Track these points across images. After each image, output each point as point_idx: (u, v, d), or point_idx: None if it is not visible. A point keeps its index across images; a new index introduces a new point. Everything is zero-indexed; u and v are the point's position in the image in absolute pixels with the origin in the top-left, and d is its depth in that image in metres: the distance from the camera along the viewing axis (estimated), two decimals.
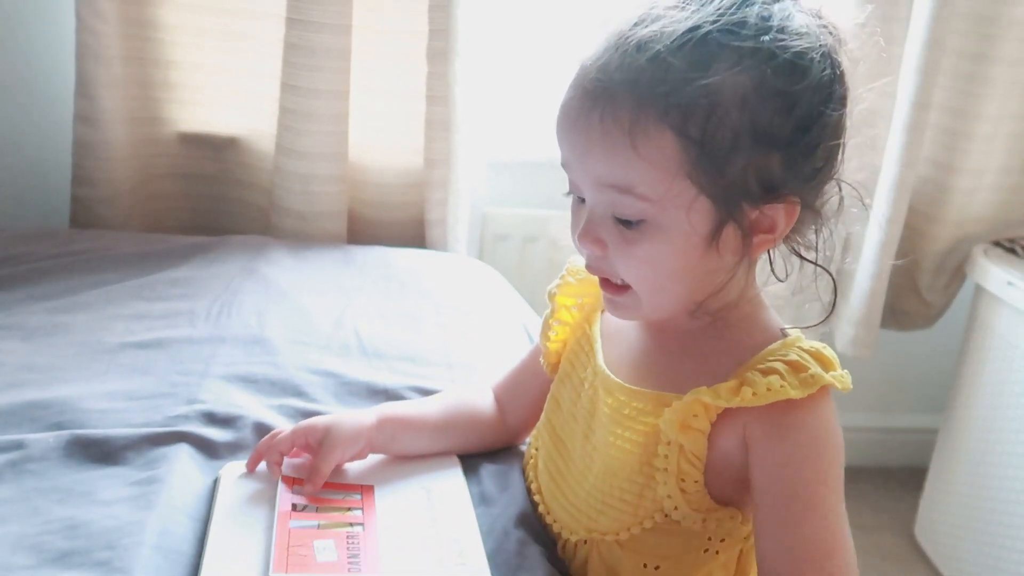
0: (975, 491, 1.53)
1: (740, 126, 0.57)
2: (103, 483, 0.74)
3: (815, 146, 0.60)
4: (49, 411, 0.82)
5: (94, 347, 0.95)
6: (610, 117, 0.57)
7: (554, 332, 0.77)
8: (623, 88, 0.57)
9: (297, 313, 1.07)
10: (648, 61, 0.56)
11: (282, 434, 0.75)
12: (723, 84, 0.56)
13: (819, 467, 0.60)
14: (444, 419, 0.81)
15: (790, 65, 0.57)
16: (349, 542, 0.67)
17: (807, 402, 0.60)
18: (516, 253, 1.60)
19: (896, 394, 1.87)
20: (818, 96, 0.58)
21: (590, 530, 0.68)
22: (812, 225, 0.64)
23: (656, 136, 0.57)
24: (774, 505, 0.61)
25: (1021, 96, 1.51)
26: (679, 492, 0.63)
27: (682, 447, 0.63)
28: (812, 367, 0.60)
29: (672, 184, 0.58)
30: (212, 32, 1.35)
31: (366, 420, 0.76)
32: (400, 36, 1.33)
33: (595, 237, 0.62)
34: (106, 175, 1.33)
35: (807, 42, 0.58)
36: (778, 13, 0.58)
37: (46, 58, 1.40)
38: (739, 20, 0.57)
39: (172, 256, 1.20)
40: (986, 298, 1.52)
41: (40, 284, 1.09)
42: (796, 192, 0.60)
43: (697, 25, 0.56)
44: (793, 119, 0.58)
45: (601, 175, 0.60)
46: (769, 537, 0.61)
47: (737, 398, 0.60)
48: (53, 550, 0.66)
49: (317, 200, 1.34)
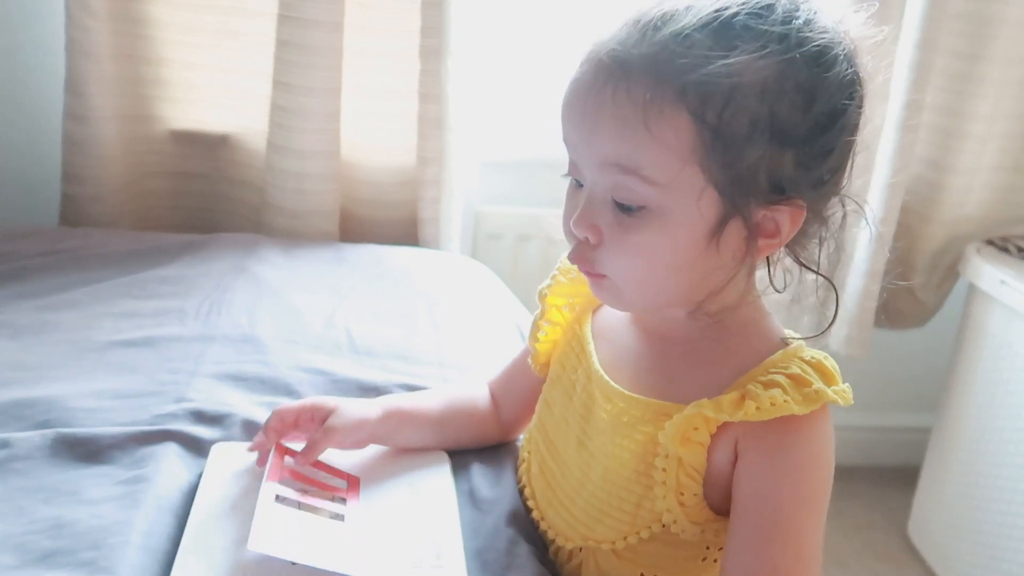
0: (968, 490, 1.53)
1: (758, 116, 0.55)
2: (89, 482, 0.73)
3: (830, 149, 0.58)
4: (36, 410, 0.81)
5: (82, 345, 0.95)
6: (624, 92, 0.55)
7: (543, 332, 0.75)
8: (642, 62, 0.55)
9: (288, 311, 1.07)
10: (671, 36, 0.55)
11: (286, 404, 0.75)
12: (745, 68, 0.54)
13: (803, 492, 0.59)
14: (444, 414, 0.80)
15: (814, 58, 0.56)
16: (326, 533, 0.67)
17: (808, 419, 0.59)
18: (509, 252, 1.60)
19: (889, 393, 1.87)
20: (839, 95, 0.57)
21: (586, 538, 0.67)
22: (816, 234, 0.62)
23: (671, 117, 0.55)
24: (748, 522, 0.60)
25: (1014, 96, 1.51)
26: (678, 506, 0.62)
27: (680, 460, 0.61)
28: (815, 382, 0.59)
29: (681, 170, 0.56)
30: (204, 29, 1.34)
31: (372, 411, 0.76)
32: (393, 34, 1.33)
33: (591, 223, 0.60)
34: (96, 173, 1.32)
35: (832, 38, 0.57)
36: (805, 8, 0.57)
37: (36, 55, 1.39)
38: (767, 5, 0.56)
39: (162, 254, 1.20)
40: (979, 297, 1.52)
41: (29, 282, 1.09)
42: (804, 196, 0.59)
43: (725, 6, 0.55)
44: (812, 117, 0.57)
45: (608, 154, 0.57)
46: (736, 554, 0.60)
47: (740, 412, 0.58)
48: (37, 550, 0.65)
49: (309, 198, 1.34)
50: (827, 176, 0.59)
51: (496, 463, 0.80)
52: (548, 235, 1.58)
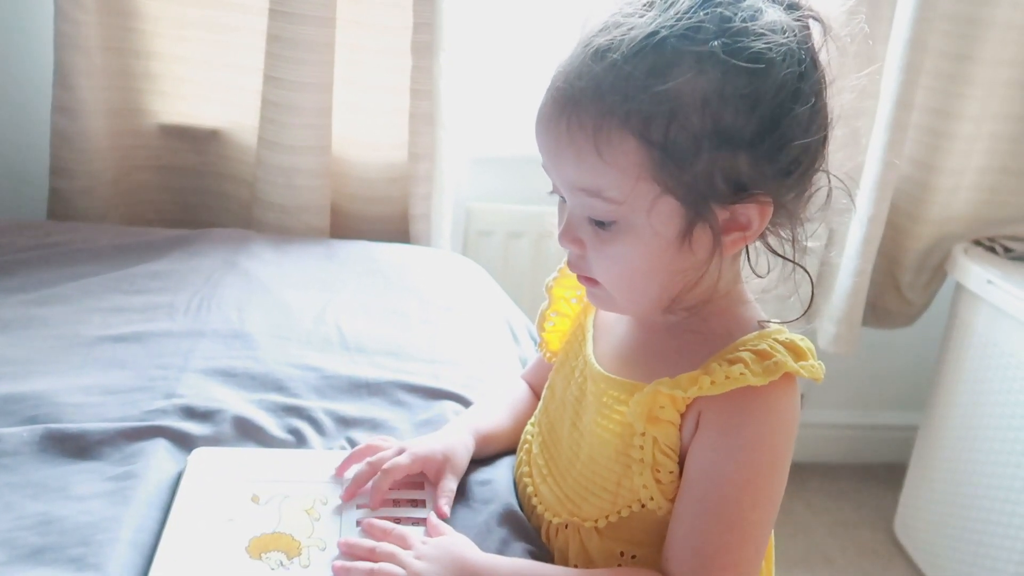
0: (954, 487, 1.54)
1: (702, 128, 0.57)
2: (78, 478, 0.73)
3: (783, 145, 0.59)
4: (23, 405, 0.81)
5: (71, 340, 0.94)
6: (576, 124, 0.59)
7: (551, 323, 0.79)
8: (585, 96, 0.58)
9: (278, 307, 1.06)
10: (606, 69, 0.58)
11: (395, 459, 0.73)
12: (682, 90, 0.57)
13: (746, 474, 0.61)
14: (514, 423, 0.83)
15: (751, 62, 0.57)
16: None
17: (766, 390, 0.60)
18: (499, 249, 1.60)
19: (876, 391, 1.88)
20: (782, 95, 0.58)
21: (572, 514, 0.69)
22: (789, 221, 0.64)
23: (619, 142, 0.58)
24: (692, 496, 0.62)
25: (1002, 97, 1.52)
26: (654, 483, 0.64)
27: (656, 439, 0.63)
28: (779, 355, 0.61)
29: (636, 186, 0.59)
30: (194, 23, 1.33)
31: (469, 443, 0.78)
32: (384, 29, 1.32)
33: (573, 237, 0.64)
34: (85, 167, 1.31)
35: (767, 41, 0.57)
36: (743, 12, 0.58)
37: (24, 47, 1.38)
38: (696, 24, 0.57)
39: (152, 249, 1.19)
40: (966, 296, 1.53)
41: (16, 276, 1.08)
42: (768, 190, 0.60)
43: (655, 31, 0.57)
44: (756, 119, 0.58)
45: (572, 179, 0.61)
46: (677, 524, 0.62)
47: (695, 387, 0.61)
48: (25, 546, 0.65)
49: (300, 194, 1.33)
50: (792, 167, 0.60)
51: (489, 463, 0.80)
52: (538, 232, 1.58)
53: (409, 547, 0.66)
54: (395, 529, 0.68)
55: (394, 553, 0.65)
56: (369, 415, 0.87)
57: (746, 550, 0.61)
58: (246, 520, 0.69)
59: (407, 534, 0.67)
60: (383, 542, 0.66)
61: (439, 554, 0.65)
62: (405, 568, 0.63)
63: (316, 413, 0.86)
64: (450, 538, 0.67)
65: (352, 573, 0.64)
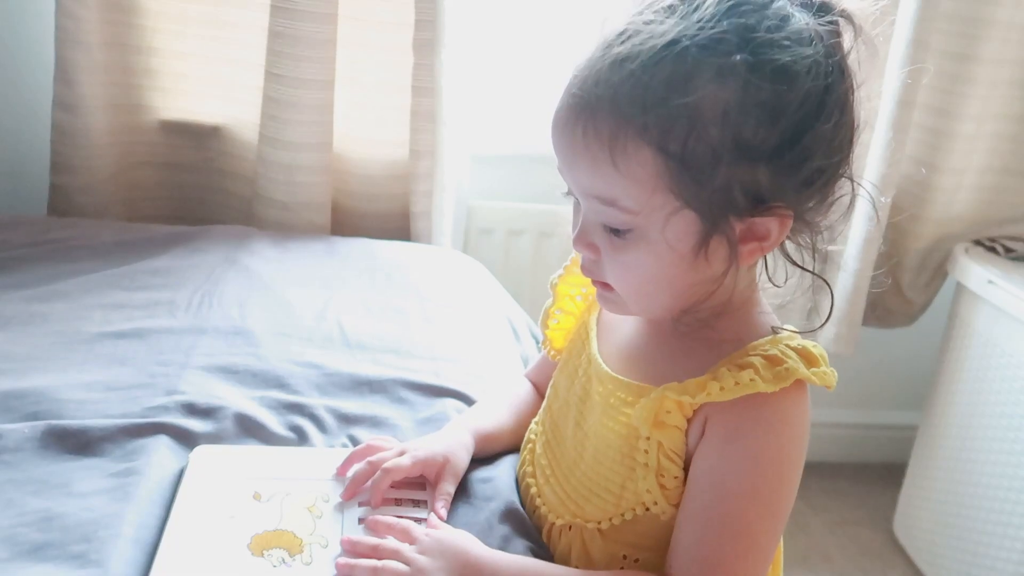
0: (953, 487, 1.54)
1: (721, 141, 0.56)
2: (79, 475, 0.73)
3: (805, 158, 0.58)
4: (25, 401, 0.81)
5: (72, 337, 0.94)
6: (592, 132, 0.57)
7: (555, 320, 0.78)
8: (602, 104, 0.57)
9: (280, 304, 1.06)
10: (625, 79, 0.56)
11: (396, 460, 0.73)
12: (702, 101, 0.55)
13: (750, 485, 0.59)
14: (516, 422, 0.83)
15: (773, 79, 0.55)
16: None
17: (776, 397, 0.59)
18: (500, 246, 1.60)
19: (877, 391, 1.88)
20: (806, 108, 0.56)
21: (575, 515, 0.69)
22: (808, 233, 0.62)
23: (635, 153, 0.56)
24: (696, 505, 0.61)
25: (1003, 96, 1.52)
26: (658, 488, 0.63)
27: (661, 444, 0.63)
28: (790, 361, 0.60)
29: (653, 197, 0.58)
30: (195, 19, 1.33)
31: (469, 443, 0.77)
32: (386, 26, 1.32)
33: (588, 242, 0.63)
34: (85, 163, 1.31)
35: (792, 54, 0.55)
36: (768, 20, 0.56)
37: (25, 43, 1.38)
38: (719, 35, 0.55)
39: (152, 245, 1.19)
40: (967, 296, 1.53)
41: (17, 272, 1.08)
42: (788, 202, 0.59)
43: (676, 40, 0.55)
44: (778, 131, 0.56)
45: (587, 187, 0.60)
46: (682, 532, 0.62)
47: (703, 393, 0.59)
48: (27, 542, 0.65)
49: (301, 191, 1.33)
50: (814, 177, 0.59)
51: (491, 461, 0.80)
52: (539, 229, 1.58)
53: (412, 540, 0.66)
54: (398, 523, 0.68)
55: (397, 550, 0.65)
56: (370, 412, 0.87)
57: (752, 560, 0.60)
58: (248, 517, 0.69)
59: (410, 527, 0.67)
60: (386, 539, 0.66)
61: (442, 549, 0.64)
62: (409, 564, 0.63)
63: (318, 410, 0.86)
64: (453, 533, 0.67)
65: (356, 570, 0.64)
